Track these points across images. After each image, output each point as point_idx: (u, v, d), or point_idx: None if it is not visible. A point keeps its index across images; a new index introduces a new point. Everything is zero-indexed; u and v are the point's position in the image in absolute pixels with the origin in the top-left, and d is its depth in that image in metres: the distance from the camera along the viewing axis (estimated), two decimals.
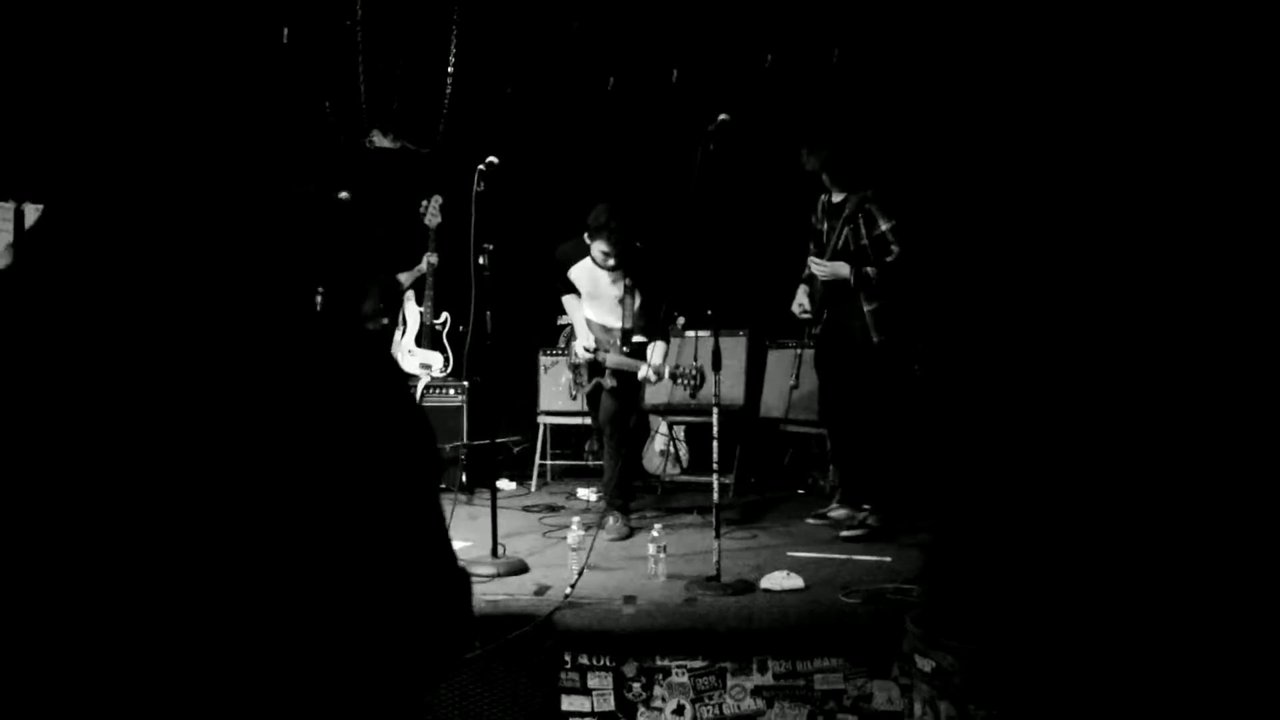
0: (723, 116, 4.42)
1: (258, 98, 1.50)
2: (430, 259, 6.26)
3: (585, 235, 5.49)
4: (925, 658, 3.52)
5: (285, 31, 7.16)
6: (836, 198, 5.54)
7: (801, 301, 5.64)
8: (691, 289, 6.72)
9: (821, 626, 4.04)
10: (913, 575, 4.49)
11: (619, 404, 5.58)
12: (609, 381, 5.65)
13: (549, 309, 7.29)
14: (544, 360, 7.11)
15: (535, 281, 6.30)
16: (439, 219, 6.22)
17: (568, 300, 5.88)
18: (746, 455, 6.97)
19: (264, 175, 1.41)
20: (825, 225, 5.60)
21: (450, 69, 7.43)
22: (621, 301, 5.68)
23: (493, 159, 4.76)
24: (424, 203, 6.18)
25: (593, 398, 5.82)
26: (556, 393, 7.03)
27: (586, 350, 5.71)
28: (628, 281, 5.63)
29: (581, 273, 5.71)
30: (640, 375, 5.54)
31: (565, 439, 7.67)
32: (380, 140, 7.64)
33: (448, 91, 7.49)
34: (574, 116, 7.70)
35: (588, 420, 6.47)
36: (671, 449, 7.21)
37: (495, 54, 7.57)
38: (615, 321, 5.72)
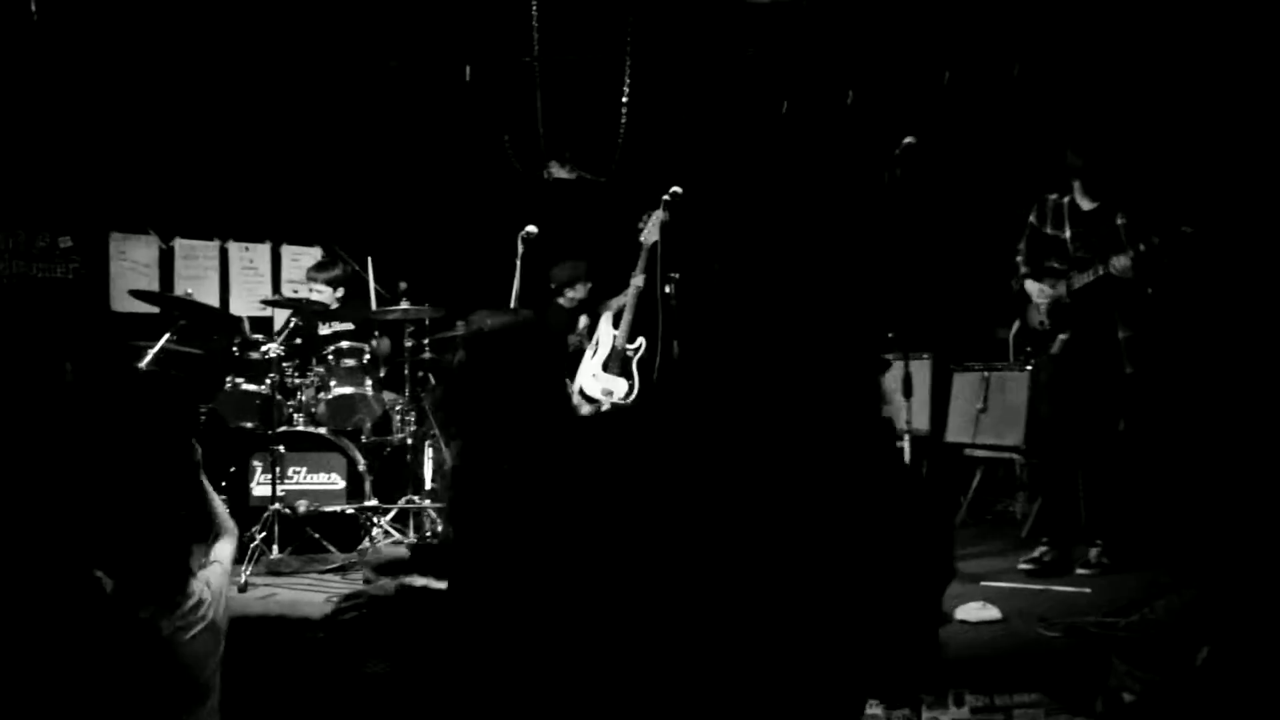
0: (908, 140, 4.36)
1: None
2: (637, 281, 6.10)
3: None
4: (1133, 694, 3.38)
5: (468, 70, 7.39)
6: (1086, 205, 5.15)
7: (1045, 291, 5.26)
8: (876, 313, 6.63)
9: (1020, 659, 3.93)
10: (1116, 608, 4.32)
11: None
12: None
13: None
14: None
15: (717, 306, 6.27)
16: (656, 237, 5.99)
17: None
18: (932, 481, 6.82)
19: None
20: (1069, 232, 5.18)
21: (625, 98, 7.52)
22: None
23: (677, 189, 4.79)
24: (644, 217, 5.95)
25: None
26: None
27: None
28: None
29: None
30: None
31: None
32: (558, 171, 7.78)
33: (623, 121, 7.58)
34: (750, 141, 7.69)
35: None
36: None
37: (670, 81, 7.63)
38: None
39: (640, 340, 6.13)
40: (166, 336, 5.87)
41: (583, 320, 7.00)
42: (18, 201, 6.89)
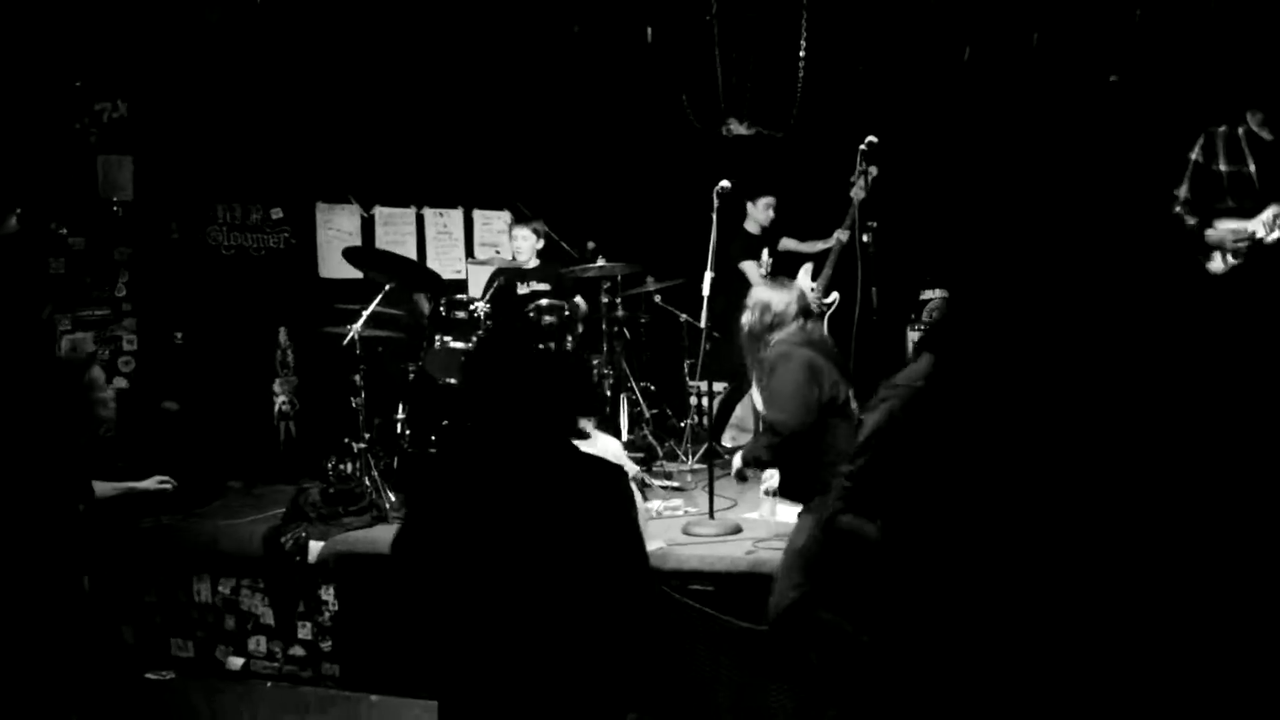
0: (1113, 78, 4.30)
1: None
2: (840, 235, 6.13)
3: None
4: None
5: (649, 31, 7.51)
6: (1268, 136, 4.78)
7: (1242, 230, 4.79)
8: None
9: None
10: None
11: None
12: None
13: (918, 284, 7.28)
14: (911, 336, 7.13)
15: (908, 258, 6.24)
16: (864, 194, 5.97)
17: None
18: None
19: None
20: (1253, 165, 4.82)
21: (802, 52, 7.53)
22: None
23: (873, 138, 4.83)
24: (857, 170, 5.89)
25: None
26: None
27: None
28: None
29: None
30: None
31: None
32: (736, 128, 7.84)
33: (800, 75, 7.60)
34: (931, 90, 7.61)
35: None
36: None
37: (847, 33, 7.60)
38: None
39: (835, 295, 6.20)
40: (378, 300, 6.19)
41: (765, 256, 7.08)
42: (235, 178, 7.34)
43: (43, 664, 3.58)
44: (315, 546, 5.34)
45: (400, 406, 6.44)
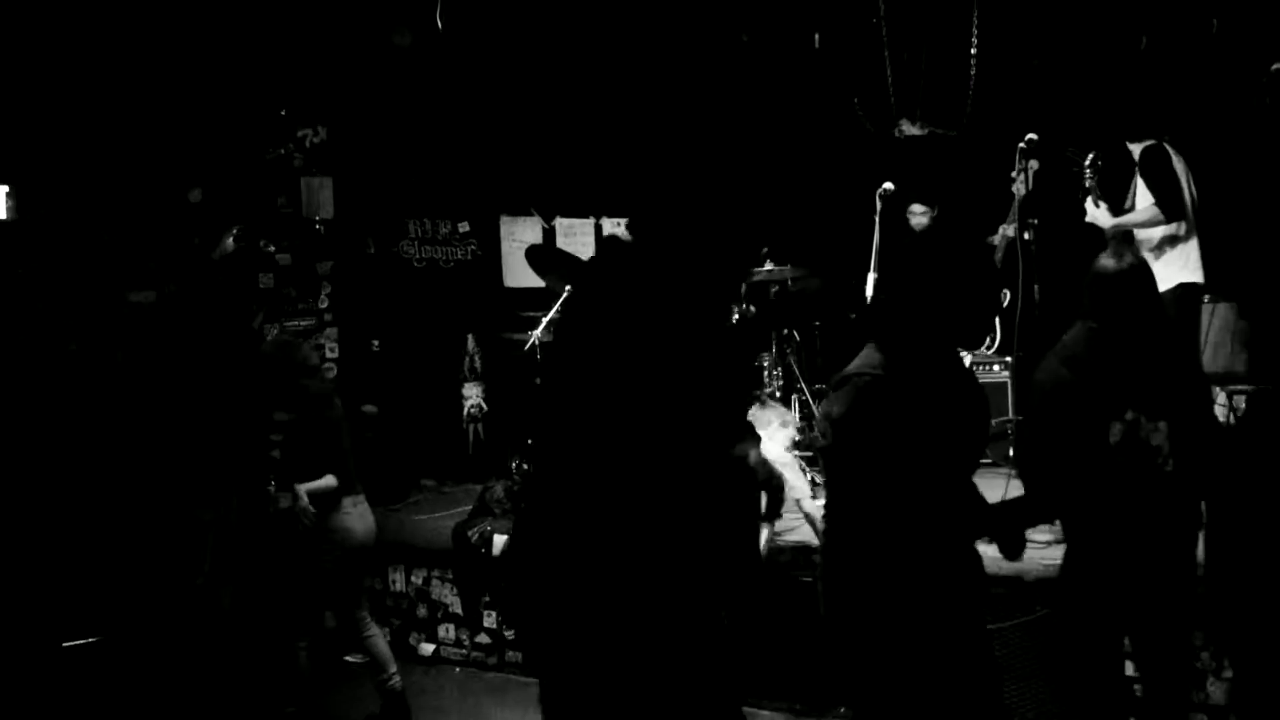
0: (1276, 66, 4.24)
1: None
2: (1006, 230, 6.06)
3: None
4: None
5: (816, 37, 7.61)
6: None
7: None
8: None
9: None
10: None
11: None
12: None
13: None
14: None
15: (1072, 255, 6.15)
16: (1025, 190, 5.89)
17: None
18: None
19: None
20: None
21: (974, 49, 7.48)
22: None
23: (1032, 135, 4.83)
24: (1018, 166, 5.77)
25: None
26: None
27: None
28: None
29: None
30: None
31: None
32: (909, 129, 7.85)
33: (972, 72, 7.55)
34: (1105, 81, 7.45)
35: None
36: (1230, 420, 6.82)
37: (1019, 27, 7.51)
38: None
39: (1005, 292, 6.12)
40: (557, 306, 6.48)
41: None
42: (424, 194, 7.79)
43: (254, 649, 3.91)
44: (499, 540, 5.65)
45: None
